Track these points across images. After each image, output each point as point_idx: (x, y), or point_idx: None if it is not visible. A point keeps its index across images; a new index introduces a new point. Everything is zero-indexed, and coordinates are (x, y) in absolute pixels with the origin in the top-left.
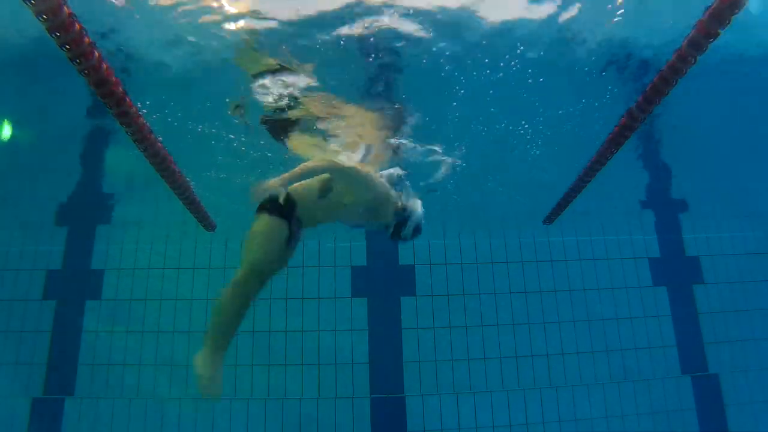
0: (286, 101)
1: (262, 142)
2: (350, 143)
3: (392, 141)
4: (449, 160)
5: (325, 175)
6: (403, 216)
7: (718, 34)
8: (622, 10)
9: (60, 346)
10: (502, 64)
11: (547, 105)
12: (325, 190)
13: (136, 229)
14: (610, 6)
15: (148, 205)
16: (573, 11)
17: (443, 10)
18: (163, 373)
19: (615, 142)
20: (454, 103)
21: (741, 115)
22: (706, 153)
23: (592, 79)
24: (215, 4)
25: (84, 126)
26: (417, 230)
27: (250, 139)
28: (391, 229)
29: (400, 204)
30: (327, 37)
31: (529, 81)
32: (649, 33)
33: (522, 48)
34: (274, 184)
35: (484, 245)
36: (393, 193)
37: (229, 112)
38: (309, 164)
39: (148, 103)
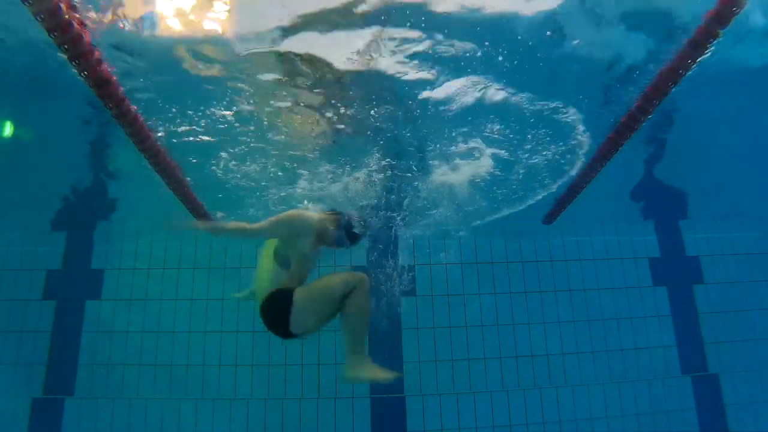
0: None
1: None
2: None
3: None
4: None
5: None
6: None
7: (717, 35)
8: None
9: (60, 346)
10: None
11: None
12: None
13: (136, 229)
14: None
15: (148, 205)
16: None
17: None
18: (163, 373)
19: (615, 142)
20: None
21: (741, 116)
22: (707, 152)
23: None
24: None
25: (85, 126)
26: (352, 236)
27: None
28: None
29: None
30: None
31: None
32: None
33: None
34: None
35: (484, 245)
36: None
37: None
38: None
39: None
